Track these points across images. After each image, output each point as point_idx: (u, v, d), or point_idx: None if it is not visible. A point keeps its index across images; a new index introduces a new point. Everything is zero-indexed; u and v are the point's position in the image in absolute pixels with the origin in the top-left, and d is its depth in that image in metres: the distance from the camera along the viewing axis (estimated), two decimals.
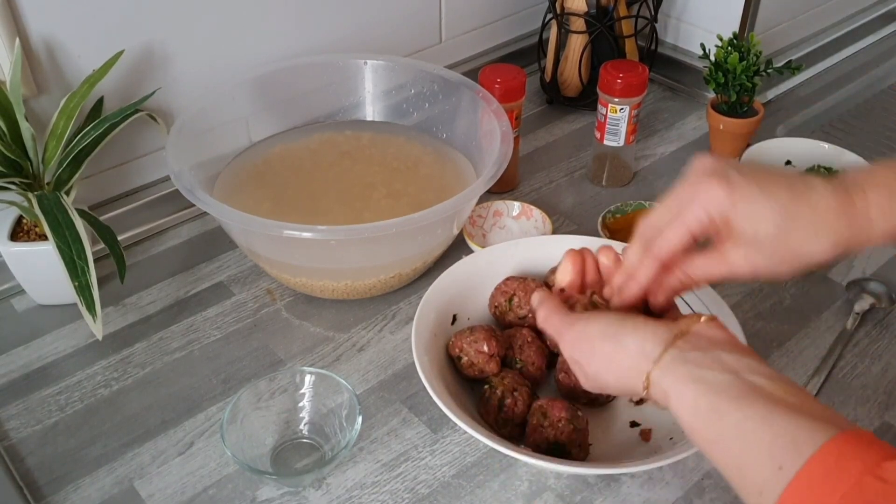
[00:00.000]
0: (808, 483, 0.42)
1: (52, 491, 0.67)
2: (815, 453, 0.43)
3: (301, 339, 0.81)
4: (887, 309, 0.83)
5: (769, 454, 0.44)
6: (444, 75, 0.94)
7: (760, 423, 0.46)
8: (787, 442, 0.44)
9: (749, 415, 0.47)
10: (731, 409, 0.47)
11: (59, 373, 0.77)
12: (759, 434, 0.46)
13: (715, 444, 0.48)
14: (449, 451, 0.70)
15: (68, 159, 0.78)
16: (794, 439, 0.44)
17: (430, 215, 0.74)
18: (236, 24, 0.91)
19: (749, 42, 1.01)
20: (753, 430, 0.46)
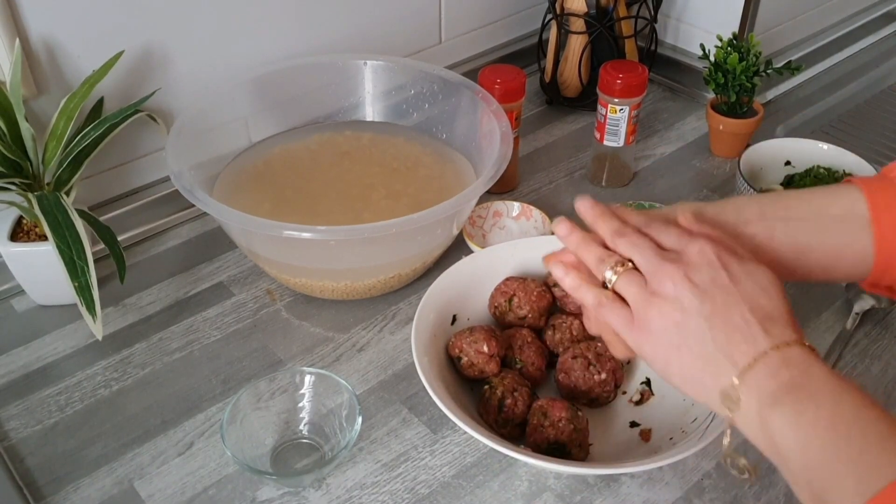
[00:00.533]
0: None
1: (52, 491, 0.67)
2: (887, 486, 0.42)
3: (301, 339, 0.81)
4: (887, 309, 0.83)
5: (850, 476, 0.44)
6: (443, 76, 0.94)
7: (850, 454, 0.45)
8: (872, 463, 0.44)
9: (839, 448, 0.45)
10: (822, 442, 0.46)
11: (59, 373, 0.77)
12: (849, 459, 0.44)
13: (804, 473, 0.46)
14: (449, 451, 0.70)
15: (68, 160, 0.79)
16: (879, 462, 0.44)
17: (430, 216, 0.74)
18: (236, 25, 0.91)
19: (749, 42, 1.01)
20: (846, 459, 0.45)
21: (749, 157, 0.95)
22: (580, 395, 0.70)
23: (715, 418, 0.63)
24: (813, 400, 0.47)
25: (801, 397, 0.47)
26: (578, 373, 0.70)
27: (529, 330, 0.75)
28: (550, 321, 0.76)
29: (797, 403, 0.47)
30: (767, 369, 0.48)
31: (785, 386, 0.47)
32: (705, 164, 1.06)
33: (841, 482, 0.44)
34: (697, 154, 1.07)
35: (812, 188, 0.60)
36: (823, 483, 0.45)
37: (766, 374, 0.48)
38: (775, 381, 0.48)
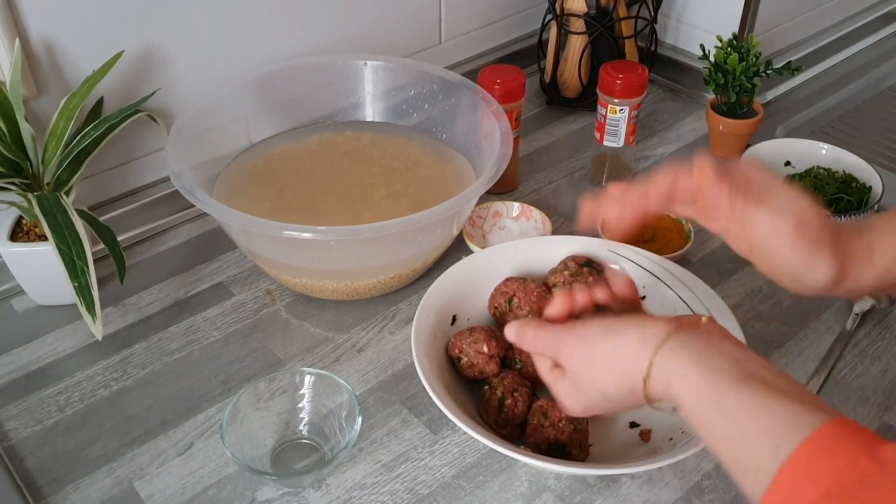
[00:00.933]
0: (805, 460, 0.44)
1: (52, 491, 0.67)
2: (813, 434, 0.44)
3: (301, 339, 0.81)
4: (887, 310, 0.83)
5: (767, 433, 0.46)
6: (443, 76, 0.94)
7: (759, 405, 0.47)
8: (785, 423, 0.46)
9: (748, 397, 0.48)
10: (731, 390, 0.49)
11: (59, 373, 0.77)
12: (758, 414, 0.47)
13: (714, 425, 0.49)
14: (448, 451, 0.70)
15: (68, 160, 0.78)
16: (792, 421, 0.46)
17: (430, 216, 0.74)
18: (236, 25, 0.91)
19: (749, 43, 1.01)
20: (752, 410, 0.47)
21: (749, 157, 0.95)
22: None
23: None
24: (718, 360, 0.51)
25: (707, 358, 0.51)
26: None
27: None
28: None
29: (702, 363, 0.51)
30: (675, 343, 0.53)
31: (697, 351, 0.52)
32: None
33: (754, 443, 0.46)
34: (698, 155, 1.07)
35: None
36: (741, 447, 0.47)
37: (675, 348, 0.52)
38: (685, 350, 0.52)
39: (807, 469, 0.43)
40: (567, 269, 0.76)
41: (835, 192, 0.92)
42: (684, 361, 0.52)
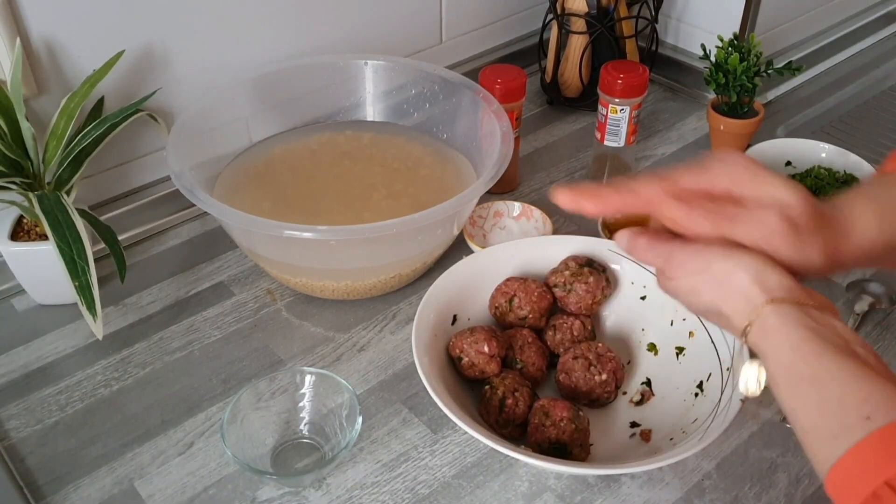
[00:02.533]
0: (894, 437, 0.44)
1: (52, 491, 0.67)
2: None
3: (301, 339, 0.81)
4: (887, 310, 0.83)
5: (860, 403, 0.46)
6: (444, 76, 0.94)
7: (858, 378, 0.47)
8: (881, 399, 0.46)
9: (849, 367, 0.48)
10: (833, 357, 0.49)
11: (60, 373, 0.77)
12: (855, 385, 0.47)
13: (804, 384, 0.49)
14: (449, 451, 0.70)
15: (69, 159, 0.79)
16: (889, 400, 0.46)
17: (431, 216, 0.74)
18: (236, 24, 0.91)
19: (749, 43, 1.01)
20: (850, 380, 0.47)
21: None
22: (581, 395, 0.70)
23: (715, 419, 0.63)
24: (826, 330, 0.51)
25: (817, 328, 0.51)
26: (579, 373, 0.70)
27: (530, 330, 0.75)
28: (551, 322, 0.76)
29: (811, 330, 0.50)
30: (794, 305, 0.52)
31: (808, 319, 0.51)
32: None
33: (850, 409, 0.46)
34: (698, 154, 1.07)
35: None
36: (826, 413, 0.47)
37: (793, 308, 0.52)
38: (800, 314, 0.51)
39: (894, 445, 0.44)
40: (568, 269, 0.76)
41: (835, 192, 0.92)
42: (794, 322, 0.51)
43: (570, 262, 0.77)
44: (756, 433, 0.72)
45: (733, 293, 0.54)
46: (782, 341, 0.51)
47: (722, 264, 0.55)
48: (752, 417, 0.73)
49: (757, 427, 0.72)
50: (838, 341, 0.50)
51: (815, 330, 0.51)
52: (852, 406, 0.46)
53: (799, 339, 0.50)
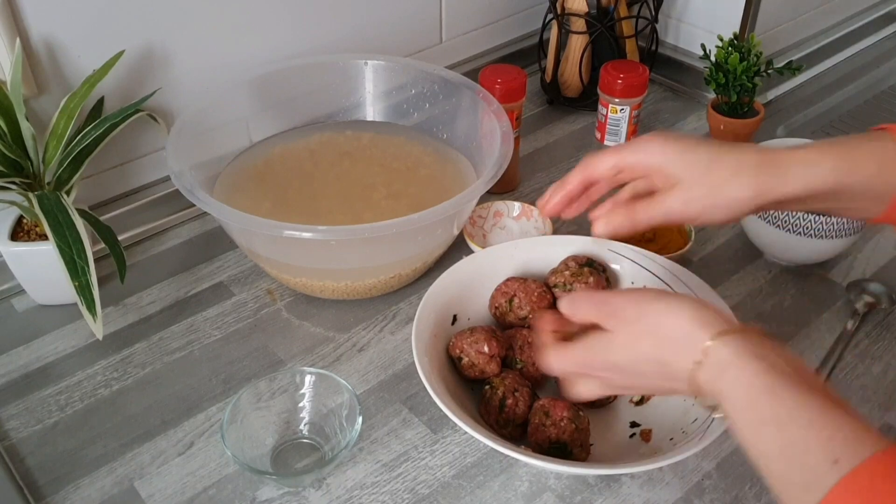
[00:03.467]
0: (866, 481, 0.42)
1: (52, 491, 0.67)
2: (877, 453, 0.42)
3: (301, 339, 0.81)
4: (888, 310, 0.83)
5: (825, 445, 0.44)
6: (444, 75, 0.94)
7: (819, 415, 0.45)
8: (846, 438, 0.44)
9: (808, 404, 0.46)
10: (791, 394, 0.46)
11: (60, 373, 0.77)
12: (818, 425, 0.45)
13: (766, 427, 0.47)
14: (449, 451, 0.70)
15: (69, 159, 0.78)
16: (854, 437, 0.44)
17: (431, 216, 0.74)
18: (236, 24, 0.91)
19: (749, 43, 1.01)
20: (811, 419, 0.45)
21: None
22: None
23: (715, 419, 0.63)
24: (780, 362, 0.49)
25: (768, 359, 0.49)
26: None
27: (530, 330, 0.75)
28: None
29: (777, 367, 0.48)
30: (736, 336, 0.51)
31: (756, 349, 0.50)
32: None
33: (810, 456, 0.44)
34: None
35: (846, 137, 0.60)
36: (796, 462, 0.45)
37: (739, 337, 0.51)
38: (746, 343, 0.50)
39: (867, 490, 0.41)
40: (568, 269, 0.76)
41: None
42: (744, 353, 0.49)
43: (570, 262, 0.77)
44: None
45: (673, 337, 0.53)
46: (737, 376, 0.49)
47: (655, 306, 0.54)
48: None
49: None
50: (790, 370, 0.48)
51: (767, 359, 0.49)
52: (818, 450, 0.44)
53: (753, 373, 0.48)
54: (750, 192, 0.58)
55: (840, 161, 0.57)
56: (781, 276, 0.88)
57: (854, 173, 0.57)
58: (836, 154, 0.58)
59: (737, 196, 0.58)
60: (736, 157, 0.58)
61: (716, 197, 0.58)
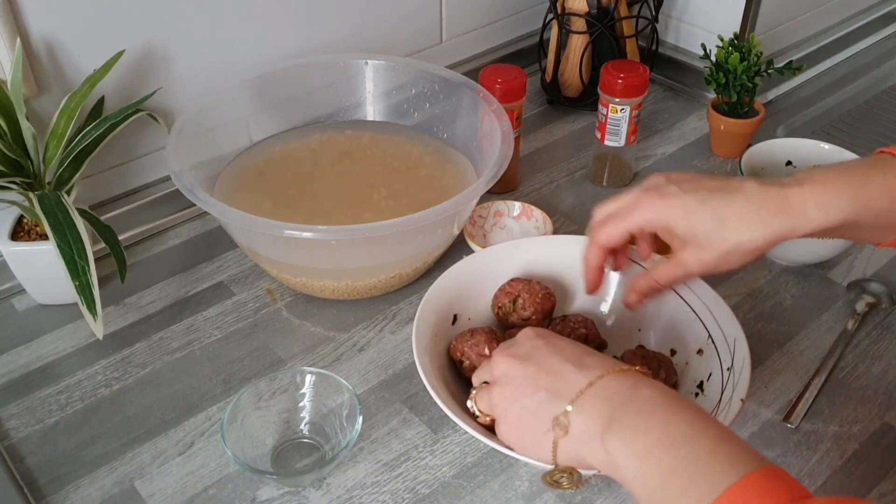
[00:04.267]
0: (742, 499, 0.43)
1: (53, 491, 0.67)
2: (753, 472, 0.44)
3: (301, 339, 0.81)
4: (888, 310, 0.83)
5: (686, 492, 0.46)
6: (444, 75, 0.94)
7: (677, 467, 0.47)
8: (705, 478, 0.46)
9: (666, 460, 0.48)
10: (651, 456, 0.49)
11: (60, 372, 0.77)
12: (678, 475, 0.47)
13: (639, 491, 0.50)
14: (449, 451, 0.70)
15: (69, 159, 0.79)
16: (710, 477, 0.46)
17: (431, 216, 0.74)
18: (237, 24, 0.91)
19: (750, 42, 1.01)
20: (671, 473, 0.47)
21: (750, 157, 0.95)
22: None
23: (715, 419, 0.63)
24: (645, 419, 0.50)
25: (632, 416, 0.50)
26: None
27: None
28: (553, 323, 0.76)
29: (630, 424, 0.50)
30: (594, 395, 0.52)
31: (615, 408, 0.51)
32: (706, 164, 1.06)
33: (678, 502, 0.46)
34: (698, 154, 1.07)
35: (856, 165, 0.61)
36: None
37: (594, 400, 0.52)
38: (604, 404, 0.52)
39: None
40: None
41: None
42: (598, 424, 0.51)
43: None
44: (756, 433, 0.72)
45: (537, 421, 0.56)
46: (622, 462, 0.50)
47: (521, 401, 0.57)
48: (752, 417, 0.73)
49: (757, 427, 0.72)
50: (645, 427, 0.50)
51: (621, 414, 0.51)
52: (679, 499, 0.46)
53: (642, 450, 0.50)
54: (763, 243, 0.59)
55: (853, 200, 0.58)
56: (781, 276, 0.88)
57: (867, 211, 0.58)
58: (849, 193, 0.58)
59: (751, 249, 0.59)
60: (741, 211, 0.59)
61: (730, 254, 0.60)
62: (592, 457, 0.52)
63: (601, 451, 0.51)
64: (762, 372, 0.77)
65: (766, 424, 0.72)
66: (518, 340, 0.59)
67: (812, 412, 0.73)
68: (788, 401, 0.74)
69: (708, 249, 0.60)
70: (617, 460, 0.50)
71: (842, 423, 0.72)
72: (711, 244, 0.60)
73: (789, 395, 0.75)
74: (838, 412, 0.73)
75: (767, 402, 0.74)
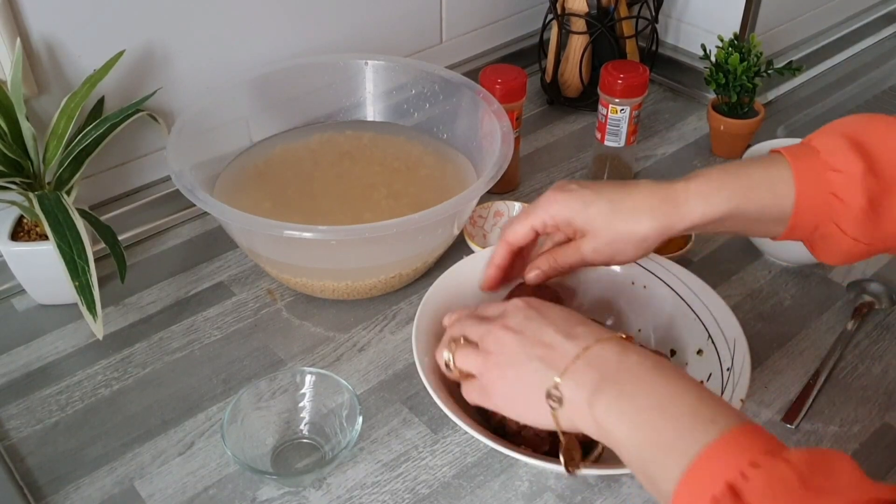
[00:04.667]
0: (700, 470, 0.45)
1: (53, 491, 0.67)
2: (734, 428, 0.46)
3: (301, 339, 0.81)
4: (887, 310, 0.83)
5: (670, 448, 0.48)
6: (444, 75, 0.94)
7: (657, 423, 0.49)
8: (684, 437, 0.47)
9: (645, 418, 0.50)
10: (630, 419, 0.50)
11: (60, 372, 0.77)
12: (661, 434, 0.49)
13: (624, 451, 0.51)
14: (449, 451, 0.70)
15: (69, 159, 0.79)
16: (692, 434, 0.47)
17: (431, 216, 0.74)
18: (236, 24, 0.91)
19: (750, 43, 1.01)
20: (655, 430, 0.49)
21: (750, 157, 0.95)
22: None
23: None
24: (631, 383, 0.52)
25: (619, 382, 0.52)
26: None
27: None
28: None
29: (616, 389, 0.51)
30: (583, 365, 0.54)
31: (602, 375, 0.52)
32: (706, 164, 1.06)
33: (663, 460, 0.48)
34: (698, 154, 1.07)
35: (742, 162, 0.65)
36: (651, 464, 0.49)
37: (583, 369, 0.53)
38: (593, 372, 0.53)
39: (696, 485, 0.45)
40: None
41: None
42: (588, 392, 0.52)
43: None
44: None
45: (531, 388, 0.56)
46: (611, 426, 0.51)
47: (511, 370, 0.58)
48: (753, 418, 0.73)
49: None
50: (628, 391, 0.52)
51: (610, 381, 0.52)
52: (665, 459, 0.47)
53: (629, 414, 0.51)
54: (652, 232, 0.63)
55: (734, 192, 0.61)
56: (781, 276, 0.88)
57: (749, 203, 0.61)
58: (731, 186, 0.62)
59: (641, 236, 0.63)
60: (633, 202, 0.63)
61: (622, 241, 0.64)
62: (584, 423, 0.53)
63: (590, 417, 0.52)
64: (762, 372, 0.77)
65: (766, 425, 0.72)
66: (509, 311, 0.60)
67: (812, 412, 0.73)
68: (788, 401, 0.74)
69: (602, 237, 0.64)
70: (606, 424, 0.51)
71: (842, 424, 0.72)
72: (605, 232, 0.64)
73: (789, 395, 0.75)
74: (838, 412, 0.73)
75: (767, 403, 0.74)
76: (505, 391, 0.58)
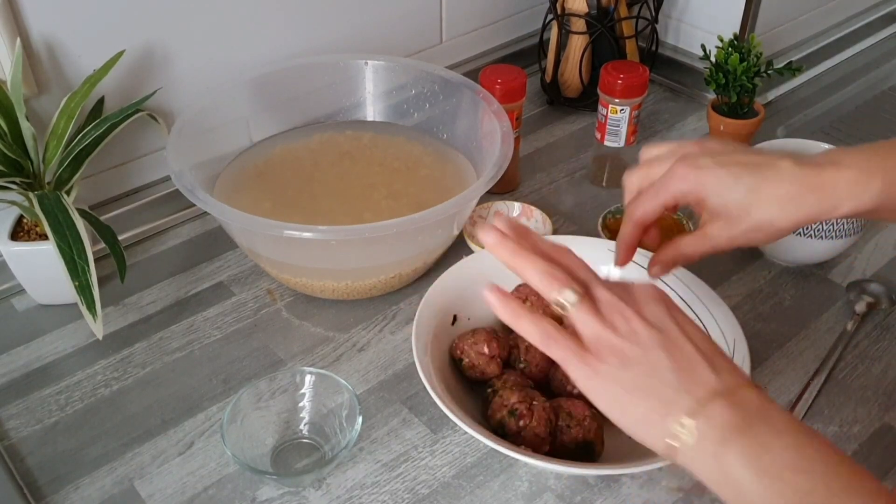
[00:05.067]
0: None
1: (52, 491, 0.67)
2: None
3: (301, 339, 0.81)
4: (887, 310, 0.83)
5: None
6: (444, 76, 0.94)
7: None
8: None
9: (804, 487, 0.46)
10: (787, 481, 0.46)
11: (60, 372, 0.77)
12: (812, 499, 0.45)
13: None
14: (449, 451, 0.70)
15: (69, 159, 0.78)
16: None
17: (431, 216, 0.74)
18: (237, 24, 0.91)
19: (750, 43, 1.01)
20: (807, 494, 0.45)
21: None
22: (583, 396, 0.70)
23: None
24: (776, 438, 0.47)
25: (760, 434, 0.47)
26: None
27: None
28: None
29: (757, 441, 0.47)
30: (726, 404, 0.48)
31: (743, 423, 0.47)
32: None
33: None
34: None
35: (882, 144, 0.59)
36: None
37: (725, 409, 0.48)
38: (733, 416, 0.48)
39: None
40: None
41: None
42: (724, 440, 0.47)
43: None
44: None
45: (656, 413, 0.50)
46: (742, 477, 0.47)
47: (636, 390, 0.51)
48: None
49: None
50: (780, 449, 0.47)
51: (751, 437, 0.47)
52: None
53: (768, 470, 0.46)
54: (794, 223, 0.58)
55: (887, 182, 0.56)
56: (781, 276, 0.88)
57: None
58: (882, 173, 0.56)
59: (781, 228, 0.58)
60: (774, 189, 0.57)
61: (759, 231, 0.59)
62: (702, 464, 0.48)
63: (712, 461, 0.47)
64: (762, 372, 0.77)
65: None
66: (640, 298, 0.53)
67: (812, 412, 0.73)
68: (788, 401, 0.74)
69: (737, 225, 0.59)
70: (735, 474, 0.46)
71: (842, 424, 0.72)
72: (742, 220, 0.59)
73: (789, 395, 0.75)
74: (838, 412, 0.73)
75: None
76: (623, 398, 0.50)
